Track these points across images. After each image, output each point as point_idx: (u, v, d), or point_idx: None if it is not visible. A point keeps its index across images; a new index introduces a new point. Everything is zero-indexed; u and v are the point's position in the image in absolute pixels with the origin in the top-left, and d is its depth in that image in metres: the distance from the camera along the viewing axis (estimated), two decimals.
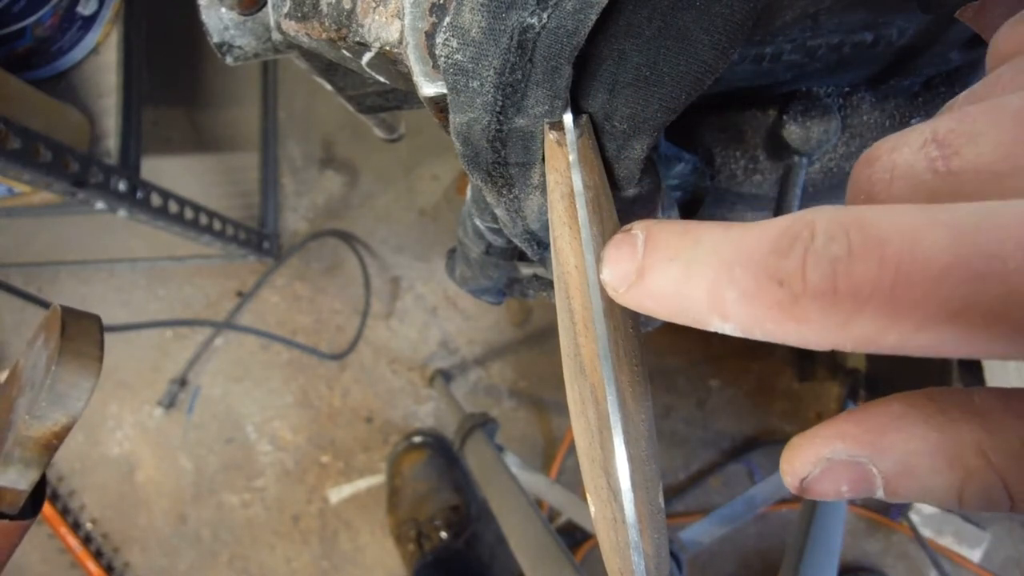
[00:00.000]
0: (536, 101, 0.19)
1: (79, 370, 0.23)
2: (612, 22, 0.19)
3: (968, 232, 0.10)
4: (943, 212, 0.11)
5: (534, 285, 0.45)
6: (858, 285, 0.11)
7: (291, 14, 0.24)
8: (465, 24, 0.18)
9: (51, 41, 0.75)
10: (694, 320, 0.14)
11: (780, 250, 0.12)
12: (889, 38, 0.31)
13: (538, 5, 0.17)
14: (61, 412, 0.23)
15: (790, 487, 0.15)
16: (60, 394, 0.23)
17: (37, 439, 0.23)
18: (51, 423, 0.23)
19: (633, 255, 0.15)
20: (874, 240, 0.11)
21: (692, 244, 0.14)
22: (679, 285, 0.14)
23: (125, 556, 1.21)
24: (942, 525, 1.08)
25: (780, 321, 0.12)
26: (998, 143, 0.12)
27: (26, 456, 0.23)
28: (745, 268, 0.12)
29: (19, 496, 0.25)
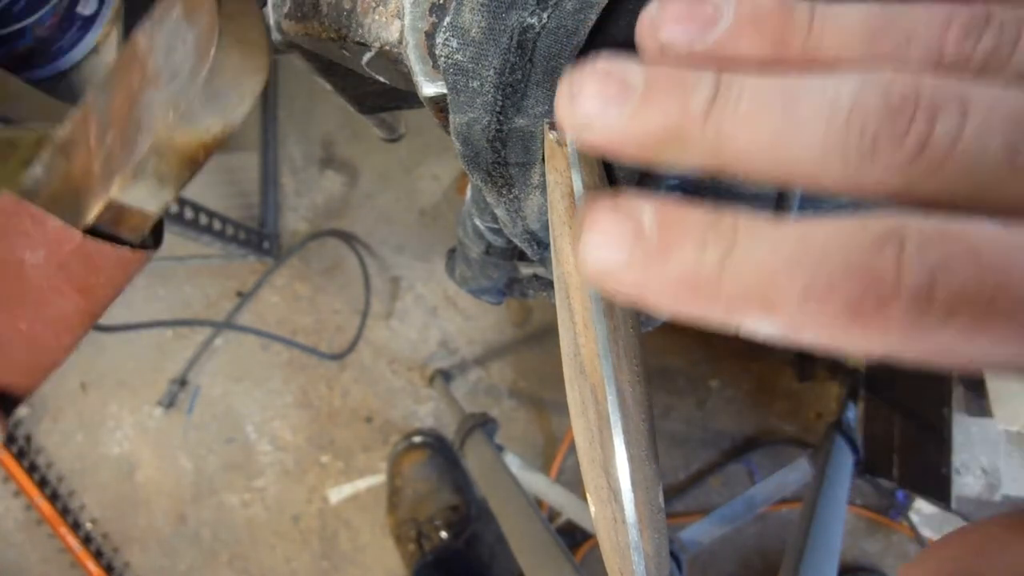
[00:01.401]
0: (536, 101, 0.19)
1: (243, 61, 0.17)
2: (612, 22, 0.19)
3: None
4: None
5: (534, 285, 0.45)
6: (956, 292, 0.11)
7: (291, 14, 0.24)
8: (465, 24, 0.18)
9: (51, 41, 0.75)
10: (720, 316, 0.13)
11: (867, 249, 0.11)
12: None
13: (538, 5, 0.17)
14: (217, 115, 0.17)
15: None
16: (218, 91, 0.17)
17: (181, 148, 0.18)
18: (202, 129, 0.17)
19: (638, 231, 0.13)
20: (972, 251, 0.11)
21: (730, 231, 0.12)
22: (711, 271, 0.12)
23: (125, 556, 1.21)
24: (942, 525, 1.08)
25: (849, 325, 0.11)
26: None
27: (163, 169, 0.18)
28: (818, 261, 0.11)
29: (145, 220, 0.19)
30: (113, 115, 0.18)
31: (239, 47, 0.17)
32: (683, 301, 0.13)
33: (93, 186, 0.18)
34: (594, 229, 0.13)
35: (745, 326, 0.12)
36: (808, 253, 0.12)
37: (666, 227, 0.13)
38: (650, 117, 0.14)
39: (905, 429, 0.97)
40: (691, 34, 0.15)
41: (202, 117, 0.17)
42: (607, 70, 0.14)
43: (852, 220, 0.12)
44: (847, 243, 0.11)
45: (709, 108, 0.13)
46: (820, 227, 0.12)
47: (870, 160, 0.12)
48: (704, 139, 0.14)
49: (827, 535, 0.70)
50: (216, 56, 0.16)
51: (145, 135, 0.17)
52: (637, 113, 0.14)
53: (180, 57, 0.17)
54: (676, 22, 0.15)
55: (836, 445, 0.88)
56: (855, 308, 0.11)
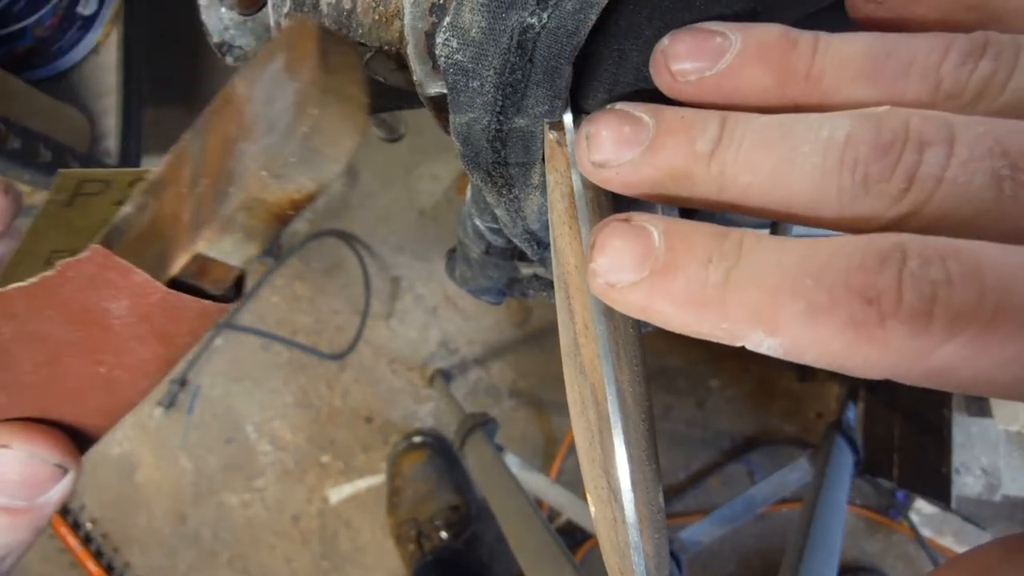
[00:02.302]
0: (536, 101, 0.19)
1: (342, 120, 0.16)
2: (612, 22, 0.19)
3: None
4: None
5: (534, 285, 0.45)
6: (957, 311, 0.11)
7: (291, 14, 0.24)
8: (465, 24, 0.18)
9: (51, 41, 0.75)
10: (724, 333, 0.13)
11: (868, 267, 0.11)
12: None
13: (538, 5, 0.17)
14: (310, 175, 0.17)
15: None
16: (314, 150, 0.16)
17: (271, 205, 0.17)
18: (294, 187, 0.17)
19: (648, 248, 0.13)
20: (973, 269, 0.11)
21: (735, 248, 0.13)
22: (716, 290, 0.12)
23: (125, 556, 1.21)
24: (942, 525, 1.08)
25: (851, 342, 0.11)
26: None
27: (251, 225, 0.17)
28: (819, 278, 0.12)
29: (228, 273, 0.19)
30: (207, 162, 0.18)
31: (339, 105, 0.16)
32: (688, 317, 0.13)
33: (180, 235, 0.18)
34: (605, 246, 0.14)
35: (750, 343, 0.13)
36: (810, 271, 0.12)
37: (673, 245, 0.13)
38: (660, 159, 0.15)
39: (905, 429, 0.97)
40: (701, 64, 0.15)
41: (296, 175, 0.16)
42: (622, 113, 0.15)
43: (855, 238, 0.12)
44: (849, 261, 0.12)
45: (714, 149, 0.14)
46: (823, 245, 0.12)
47: (863, 195, 0.12)
48: (710, 178, 0.14)
49: (827, 535, 0.70)
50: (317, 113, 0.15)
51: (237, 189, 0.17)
52: (648, 155, 0.15)
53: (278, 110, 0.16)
54: (687, 54, 0.16)
55: (836, 445, 0.88)
56: (857, 325, 0.11)
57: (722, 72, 0.15)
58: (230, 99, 0.18)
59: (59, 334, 0.18)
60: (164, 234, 0.18)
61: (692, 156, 0.14)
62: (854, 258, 0.12)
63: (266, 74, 0.17)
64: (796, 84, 0.15)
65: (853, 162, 0.13)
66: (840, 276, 0.11)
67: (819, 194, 0.13)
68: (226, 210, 0.17)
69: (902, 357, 0.11)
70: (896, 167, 0.12)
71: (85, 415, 0.20)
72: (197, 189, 0.18)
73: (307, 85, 0.16)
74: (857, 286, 0.11)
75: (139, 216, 0.20)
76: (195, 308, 0.19)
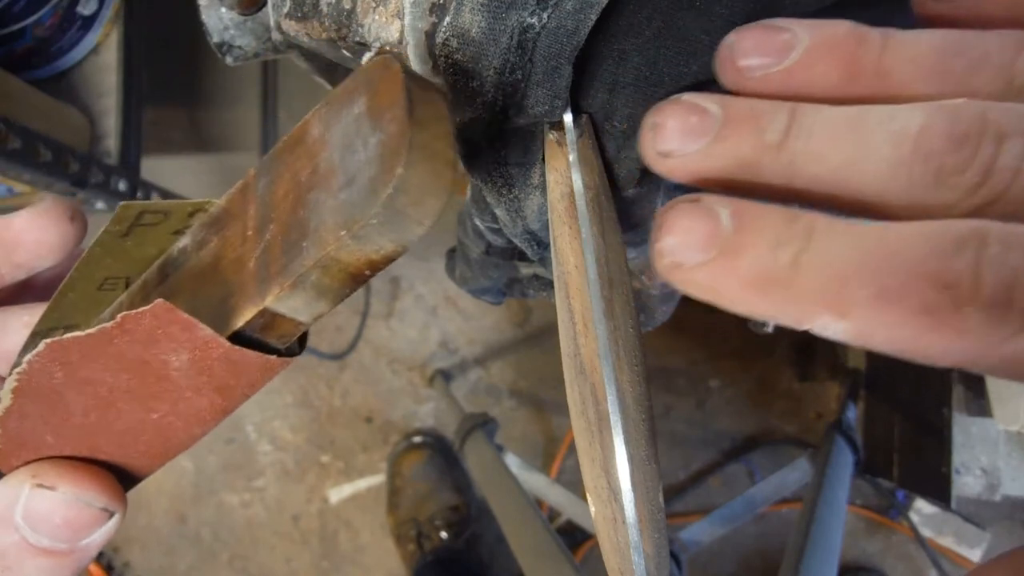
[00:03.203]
0: (536, 101, 0.19)
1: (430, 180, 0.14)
2: (612, 22, 0.19)
3: None
4: None
5: (534, 285, 0.45)
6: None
7: (291, 14, 0.24)
8: (465, 24, 0.18)
9: (51, 41, 0.75)
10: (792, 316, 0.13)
11: (945, 251, 0.11)
12: None
13: (538, 5, 0.17)
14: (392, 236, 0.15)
15: None
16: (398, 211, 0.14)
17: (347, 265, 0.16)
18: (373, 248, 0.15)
19: (716, 229, 0.13)
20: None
21: (806, 231, 0.12)
22: (785, 272, 0.12)
23: (125, 556, 1.21)
24: (942, 525, 1.08)
25: (925, 329, 0.11)
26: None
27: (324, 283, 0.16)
28: (893, 263, 0.11)
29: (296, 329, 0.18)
30: (276, 205, 0.17)
31: (428, 163, 0.14)
32: (755, 299, 0.13)
33: (247, 285, 0.17)
34: (673, 226, 0.13)
35: (816, 327, 0.12)
36: (884, 255, 0.11)
37: (742, 226, 0.13)
38: (728, 148, 0.14)
39: (905, 429, 0.97)
40: (768, 60, 0.15)
41: (376, 237, 0.15)
42: (689, 103, 0.15)
43: (931, 223, 0.12)
44: (925, 245, 0.11)
45: (783, 140, 0.14)
46: (898, 229, 0.12)
47: (936, 186, 0.12)
48: (779, 168, 0.14)
49: (827, 535, 0.70)
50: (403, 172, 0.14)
51: (312, 247, 0.15)
52: (715, 145, 0.14)
53: (359, 161, 0.15)
54: (754, 49, 0.15)
55: (836, 445, 0.88)
56: (930, 312, 0.11)
57: (789, 68, 0.15)
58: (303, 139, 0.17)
59: (113, 381, 0.17)
60: (228, 279, 0.17)
61: (761, 146, 0.14)
62: (930, 242, 0.11)
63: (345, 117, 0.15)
64: (865, 80, 0.14)
65: (927, 153, 0.12)
66: (915, 261, 0.11)
67: (890, 186, 0.13)
68: (299, 267, 0.16)
69: (977, 345, 0.11)
70: (973, 159, 0.12)
71: (134, 457, 0.20)
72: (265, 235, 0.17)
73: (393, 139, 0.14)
74: (932, 271, 0.11)
75: (199, 251, 0.19)
76: (258, 363, 0.18)
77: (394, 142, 0.14)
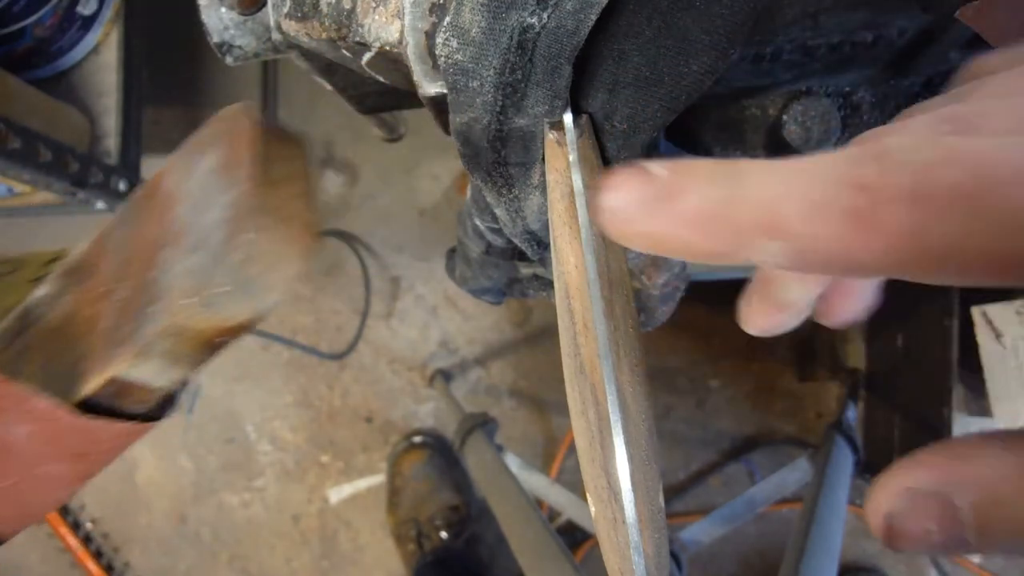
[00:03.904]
0: (536, 101, 0.19)
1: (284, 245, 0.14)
2: (612, 22, 0.19)
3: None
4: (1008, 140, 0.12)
5: (534, 285, 0.45)
6: (947, 187, 0.11)
7: (291, 14, 0.24)
8: (465, 24, 0.18)
9: (51, 41, 0.75)
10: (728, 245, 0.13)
11: (858, 160, 0.12)
12: (889, 38, 0.31)
13: (538, 5, 0.17)
14: (245, 304, 0.14)
15: (875, 531, 0.14)
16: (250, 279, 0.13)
17: (198, 333, 0.15)
18: (225, 316, 0.14)
19: (653, 181, 0.14)
20: (957, 150, 0.11)
21: (735, 170, 0.13)
22: (721, 205, 0.13)
23: (125, 556, 1.21)
24: None
25: (849, 231, 0.12)
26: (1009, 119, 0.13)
27: (176, 351, 0.15)
28: (815, 179, 0.12)
29: (152, 395, 0.17)
30: (130, 261, 0.16)
31: (281, 227, 0.13)
32: (696, 237, 0.14)
33: (96, 348, 0.16)
34: (613, 184, 0.14)
35: (756, 255, 0.13)
36: (806, 175, 0.12)
37: (677, 174, 0.14)
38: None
39: (905, 429, 0.97)
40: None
41: (228, 304, 0.14)
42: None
43: (843, 149, 0.13)
44: (841, 160, 0.12)
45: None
46: (817, 156, 0.13)
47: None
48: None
49: (827, 535, 0.70)
50: (252, 239, 0.13)
51: (158, 312, 0.14)
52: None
53: (209, 222, 0.14)
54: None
55: (836, 445, 0.88)
56: (852, 215, 0.12)
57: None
58: (158, 191, 0.16)
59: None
60: (81, 339, 0.16)
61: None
62: (847, 157, 0.12)
63: (198, 170, 0.15)
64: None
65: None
66: (833, 172, 0.12)
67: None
68: (146, 334, 0.15)
69: (898, 240, 0.11)
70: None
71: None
72: (120, 293, 0.16)
73: (242, 200, 0.13)
74: (849, 177, 0.12)
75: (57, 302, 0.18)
76: (110, 430, 0.17)
77: (244, 204, 0.13)
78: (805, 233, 0.12)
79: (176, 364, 0.16)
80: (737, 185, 0.13)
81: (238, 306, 0.14)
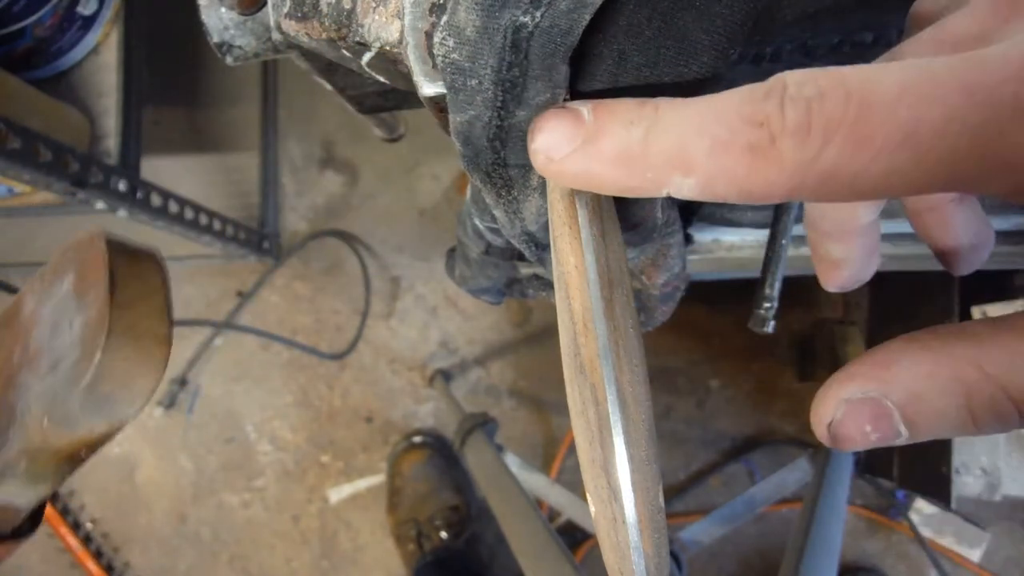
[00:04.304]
0: (536, 92, 0.19)
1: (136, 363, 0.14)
2: (612, 22, 0.19)
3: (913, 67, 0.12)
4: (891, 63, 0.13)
5: (534, 285, 0.45)
6: (828, 117, 0.13)
7: (291, 14, 0.24)
8: (460, 23, 0.18)
9: (51, 41, 0.75)
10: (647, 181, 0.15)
11: (757, 100, 0.13)
12: (889, 38, 0.31)
13: (531, 4, 0.17)
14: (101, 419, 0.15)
15: (822, 439, 0.16)
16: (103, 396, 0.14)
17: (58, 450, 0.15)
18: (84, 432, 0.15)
19: (578, 121, 0.15)
20: (838, 82, 0.13)
21: (652, 111, 0.15)
22: (639, 145, 0.14)
23: (125, 556, 1.21)
24: (942, 525, 1.08)
25: (751, 165, 0.13)
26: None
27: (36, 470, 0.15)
28: (719, 119, 0.14)
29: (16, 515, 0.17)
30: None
31: (133, 345, 0.14)
32: (618, 173, 0.15)
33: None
34: (543, 127, 0.16)
35: (672, 189, 0.15)
36: (714, 113, 0.14)
37: (600, 115, 0.15)
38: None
39: None
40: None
41: (83, 422, 0.15)
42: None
43: (745, 86, 0.14)
44: (741, 99, 0.14)
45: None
46: (722, 95, 0.14)
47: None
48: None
49: (827, 535, 0.70)
50: (103, 359, 0.14)
51: (15, 434, 0.15)
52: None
53: (65, 344, 0.14)
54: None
55: None
56: (753, 148, 0.13)
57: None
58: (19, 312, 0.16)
59: None
60: None
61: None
62: (745, 95, 0.14)
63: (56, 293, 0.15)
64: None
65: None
66: (735, 111, 0.14)
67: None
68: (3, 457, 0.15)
69: (794, 169, 0.13)
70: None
71: None
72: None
73: (94, 321, 0.14)
74: (748, 116, 0.13)
75: None
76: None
77: (95, 325, 0.14)
78: (712, 169, 0.14)
79: (38, 482, 0.16)
80: (652, 126, 0.14)
81: (94, 423, 0.15)
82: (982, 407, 0.13)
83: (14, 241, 1.23)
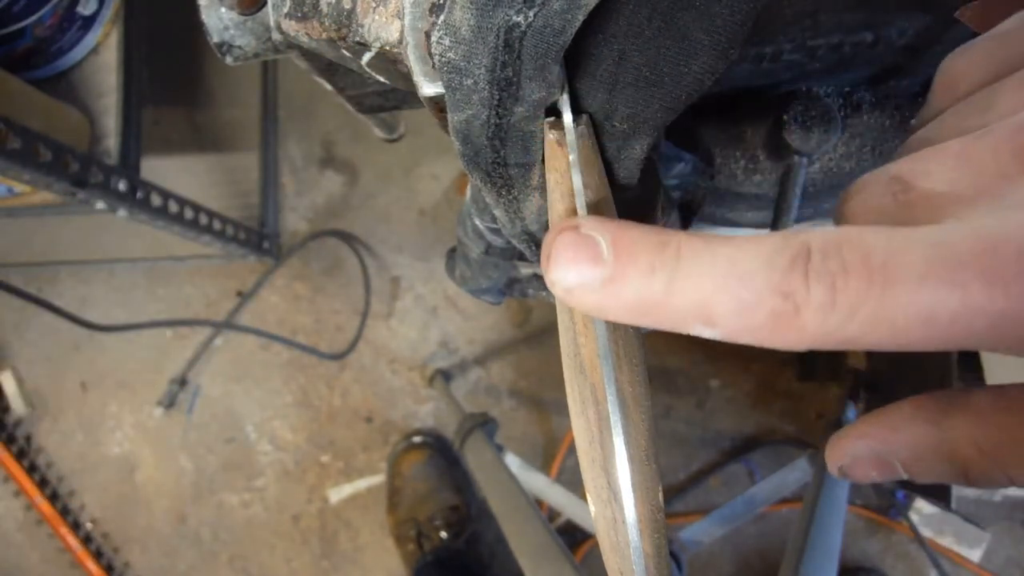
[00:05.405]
0: (532, 90, 0.19)
1: None
2: (612, 22, 0.19)
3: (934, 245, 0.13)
4: (914, 232, 0.13)
5: (534, 285, 0.45)
6: (852, 298, 0.13)
7: (291, 14, 0.24)
8: (456, 22, 0.18)
9: (51, 41, 0.75)
10: (669, 326, 0.15)
11: (781, 267, 0.14)
12: (889, 38, 0.31)
13: (524, 3, 0.17)
14: None
15: (832, 474, 0.18)
16: None
17: None
18: None
19: (597, 259, 0.15)
20: (863, 255, 0.13)
21: (674, 257, 0.15)
22: (662, 296, 0.15)
23: (125, 556, 1.21)
24: (942, 525, 1.08)
25: (774, 329, 0.14)
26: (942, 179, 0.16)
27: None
28: (742, 282, 0.14)
29: None
30: None
31: None
32: (638, 318, 0.15)
33: None
34: (559, 258, 0.16)
35: (691, 332, 0.15)
36: (736, 274, 0.14)
37: (619, 255, 0.15)
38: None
39: None
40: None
41: None
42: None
43: (771, 239, 0.14)
44: (766, 262, 0.14)
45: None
46: (746, 248, 0.14)
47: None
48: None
49: (827, 535, 0.70)
50: None
51: None
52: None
53: None
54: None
55: None
56: (777, 316, 0.14)
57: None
58: None
59: None
60: None
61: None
62: (771, 262, 0.14)
63: None
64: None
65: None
66: (761, 276, 0.14)
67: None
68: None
69: (815, 336, 0.14)
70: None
71: None
72: None
73: None
74: (775, 285, 0.14)
75: None
76: None
77: None
78: (736, 326, 0.14)
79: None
80: (673, 274, 0.15)
81: None
82: (976, 475, 0.16)
83: (14, 241, 1.23)
